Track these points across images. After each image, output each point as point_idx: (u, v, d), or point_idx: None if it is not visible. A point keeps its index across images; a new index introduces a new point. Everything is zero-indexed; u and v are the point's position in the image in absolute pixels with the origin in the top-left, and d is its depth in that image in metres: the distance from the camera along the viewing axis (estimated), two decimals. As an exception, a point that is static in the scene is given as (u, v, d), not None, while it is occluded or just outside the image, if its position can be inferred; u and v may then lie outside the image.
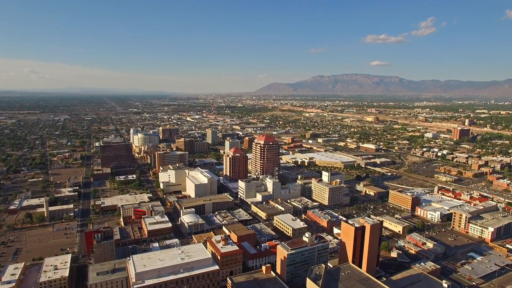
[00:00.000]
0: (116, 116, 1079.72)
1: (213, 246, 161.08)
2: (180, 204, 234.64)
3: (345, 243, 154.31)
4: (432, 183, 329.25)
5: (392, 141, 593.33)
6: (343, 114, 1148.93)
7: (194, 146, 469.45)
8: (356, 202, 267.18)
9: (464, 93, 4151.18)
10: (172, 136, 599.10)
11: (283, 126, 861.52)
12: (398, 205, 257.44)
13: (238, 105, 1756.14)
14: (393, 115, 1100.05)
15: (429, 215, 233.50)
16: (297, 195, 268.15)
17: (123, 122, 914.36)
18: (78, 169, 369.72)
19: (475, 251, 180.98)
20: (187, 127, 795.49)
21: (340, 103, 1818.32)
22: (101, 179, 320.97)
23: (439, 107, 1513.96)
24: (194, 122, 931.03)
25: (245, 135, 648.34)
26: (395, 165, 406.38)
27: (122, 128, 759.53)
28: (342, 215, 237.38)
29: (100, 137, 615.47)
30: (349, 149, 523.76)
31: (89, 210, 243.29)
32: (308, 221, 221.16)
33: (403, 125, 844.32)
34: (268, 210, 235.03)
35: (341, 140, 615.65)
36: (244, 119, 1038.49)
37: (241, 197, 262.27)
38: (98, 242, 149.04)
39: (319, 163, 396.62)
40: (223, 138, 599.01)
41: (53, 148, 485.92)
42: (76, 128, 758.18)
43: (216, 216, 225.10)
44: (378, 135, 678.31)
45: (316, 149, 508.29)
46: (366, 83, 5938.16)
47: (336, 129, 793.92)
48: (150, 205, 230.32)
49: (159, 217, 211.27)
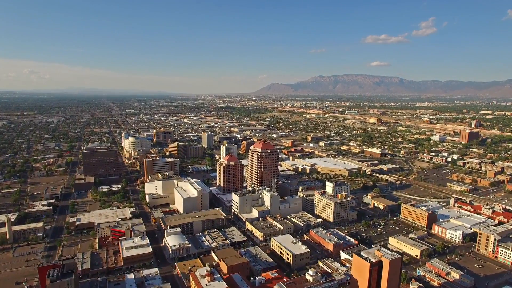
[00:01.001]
0: (112, 118, 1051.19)
1: (196, 283, 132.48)
2: (165, 222, 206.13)
3: (357, 281, 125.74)
4: (446, 193, 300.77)
5: (397, 145, 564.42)
6: (345, 116, 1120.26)
7: (188, 151, 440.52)
8: (364, 217, 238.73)
9: (465, 94, 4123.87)
10: (167, 140, 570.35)
11: (283, 128, 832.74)
12: (412, 221, 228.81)
13: (237, 106, 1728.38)
14: (396, 117, 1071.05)
15: (448, 234, 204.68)
16: (298, 209, 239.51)
17: (118, 124, 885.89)
18: (61, 177, 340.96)
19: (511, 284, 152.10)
20: (184, 129, 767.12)
21: (341, 104, 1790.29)
22: (82, 189, 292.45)
23: (442, 107, 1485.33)
24: (191, 124, 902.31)
25: (243, 138, 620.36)
26: (403, 172, 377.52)
27: (116, 131, 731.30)
28: (350, 234, 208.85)
29: (92, 140, 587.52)
30: (352, 153, 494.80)
31: (63, 228, 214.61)
32: (311, 243, 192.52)
33: (407, 127, 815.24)
34: (265, 229, 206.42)
35: (344, 143, 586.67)
36: (243, 120, 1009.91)
37: (235, 212, 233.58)
38: (52, 282, 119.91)
39: (322, 170, 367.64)
40: (219, 141, 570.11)
41: (39, 153, 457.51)
42: (68, 130, 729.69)
43: (206, 236, 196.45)
44: (382, 138, 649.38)
45: (318, 153, 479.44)
46: (367, 83, 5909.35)
47: (338, 131, 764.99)
48: (130, 224, 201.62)
49: (139, 240, 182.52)
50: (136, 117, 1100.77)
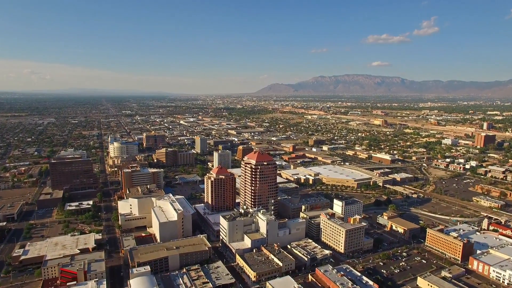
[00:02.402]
0: (105, 119, 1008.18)
1: None
2: (133, 257, 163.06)
3: None
4: (474, 210, 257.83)
5: (407, 149, 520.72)
6: (348, 117, 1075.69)
7: (178, 157, 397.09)
8: (381, 245, 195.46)
9: (467, 94, 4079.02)
10: (158, 144, 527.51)
11: (283, 130, 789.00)
12: (441, 250, 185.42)
13: (237, 106, 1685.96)
14: (401, 118, 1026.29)
15: (493, 273, 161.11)
16: (300, 236, 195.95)
17: (110, 126, 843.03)
18: (29, 189, 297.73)
19: None
20: (178, 132, 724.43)
21: (342, 104, 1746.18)
22: (48, 206, 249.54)
23: (446, 108, 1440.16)
24: (187, 126, 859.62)
25: (240, 141, 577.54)
26: (419, 183, 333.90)
27: (107, 133, 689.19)
28: (366, 270, 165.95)
29: (77, 144, 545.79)
30: (359, 159, 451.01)
31: (3, 264, 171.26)
32: (318, 287, 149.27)
33: (414, 129, 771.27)
34: (260, 265, 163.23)
35: (349, 147, 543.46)
36: (241, 122, 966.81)
37: (224, 240, 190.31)
38: None
39: (327, 181, 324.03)
40: (215, 145, 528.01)
41: (13, 160, 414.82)
42: (55, 133, 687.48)
43: (184, 277, 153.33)
44: (389, 141, 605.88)
45: (322, 159, 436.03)
46: (368, 83, 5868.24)
47: (341, 133, 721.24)
48: (87, 261, 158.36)
49: (94, 285, 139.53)
50: (131, 118, 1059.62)
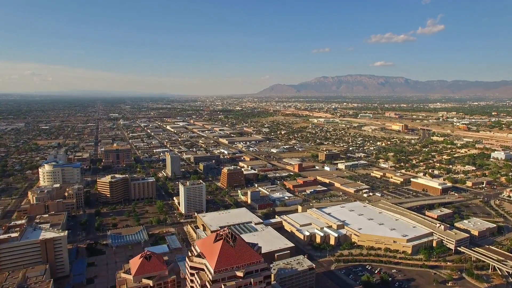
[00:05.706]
0: (83, 124, 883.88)
1: None
2: None
3: None
4: None
5: (448, 165, 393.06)
6: (358, 120, 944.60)
7: (131, 189, 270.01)
8: None
9: (473, 94, 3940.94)
10: (121, 162, 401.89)
11: (286, 138, 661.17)
12: None
13: (235, 108, 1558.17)
14: (420, 121, 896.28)
15: None
16: None
17: (83, 133, 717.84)
18: None
19: None
20: (158, 141, 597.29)
21: (348, 105, 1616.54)
22: None
23: (465, 109, 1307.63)
24: (174, 132, 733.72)
25: (230, 156, 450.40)
26: (506, 237, 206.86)
27: (75, 143, 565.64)
28: None
29: (20, 159, 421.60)
30: (392, 185, 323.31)
31: None
32: None
33: (443, 135, 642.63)
34: None
35: (372, 163, 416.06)
36: (238, 127, 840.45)
37: None
38: None
39: (360, 241, 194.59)
40: (195, 163, 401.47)
41: None
42: (7, 143, 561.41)
43: None
44: (418, 153, 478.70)
45: (341, 187, 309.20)
46: (371, 84, 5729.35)
47: (356, 141, 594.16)
48: None
49: None
50: (113, 123, 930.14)
